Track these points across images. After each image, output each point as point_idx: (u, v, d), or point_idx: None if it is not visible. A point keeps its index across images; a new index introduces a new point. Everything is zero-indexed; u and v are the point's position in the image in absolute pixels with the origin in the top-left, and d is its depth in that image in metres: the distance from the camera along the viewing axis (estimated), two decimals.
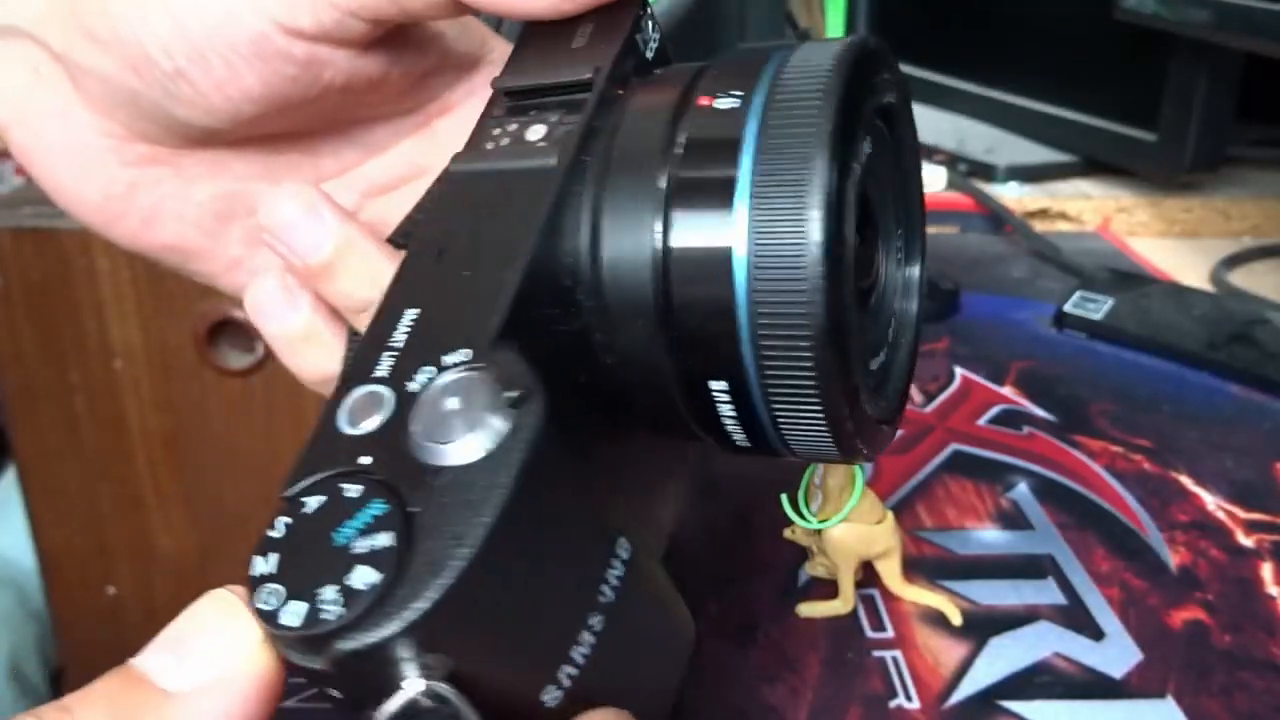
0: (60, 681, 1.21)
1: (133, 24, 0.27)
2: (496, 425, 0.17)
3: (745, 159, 0.19)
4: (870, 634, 0.32)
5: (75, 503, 1.16)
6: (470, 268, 0.20)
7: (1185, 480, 0.40)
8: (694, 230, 0.20)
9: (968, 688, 0.30)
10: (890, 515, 0.32)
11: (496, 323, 0.18)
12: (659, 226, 0.20)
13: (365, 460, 0.17)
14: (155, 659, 0.18)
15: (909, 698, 0.30)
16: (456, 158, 0.23)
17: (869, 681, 0.30)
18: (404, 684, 0.16)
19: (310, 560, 0.17)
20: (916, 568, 0.35)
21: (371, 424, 0.18)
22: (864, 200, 0.21)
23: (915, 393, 0.47)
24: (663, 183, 0.20)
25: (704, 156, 0.20)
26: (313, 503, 0.17)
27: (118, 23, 0.27)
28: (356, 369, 0.19)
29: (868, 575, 0.33)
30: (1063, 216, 0.70)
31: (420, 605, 0.15)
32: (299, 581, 0.16)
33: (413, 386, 0.18)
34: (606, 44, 0.23)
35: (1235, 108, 0.65)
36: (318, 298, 0.29)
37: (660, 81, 0.23)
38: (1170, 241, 0.68)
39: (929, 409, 0.45)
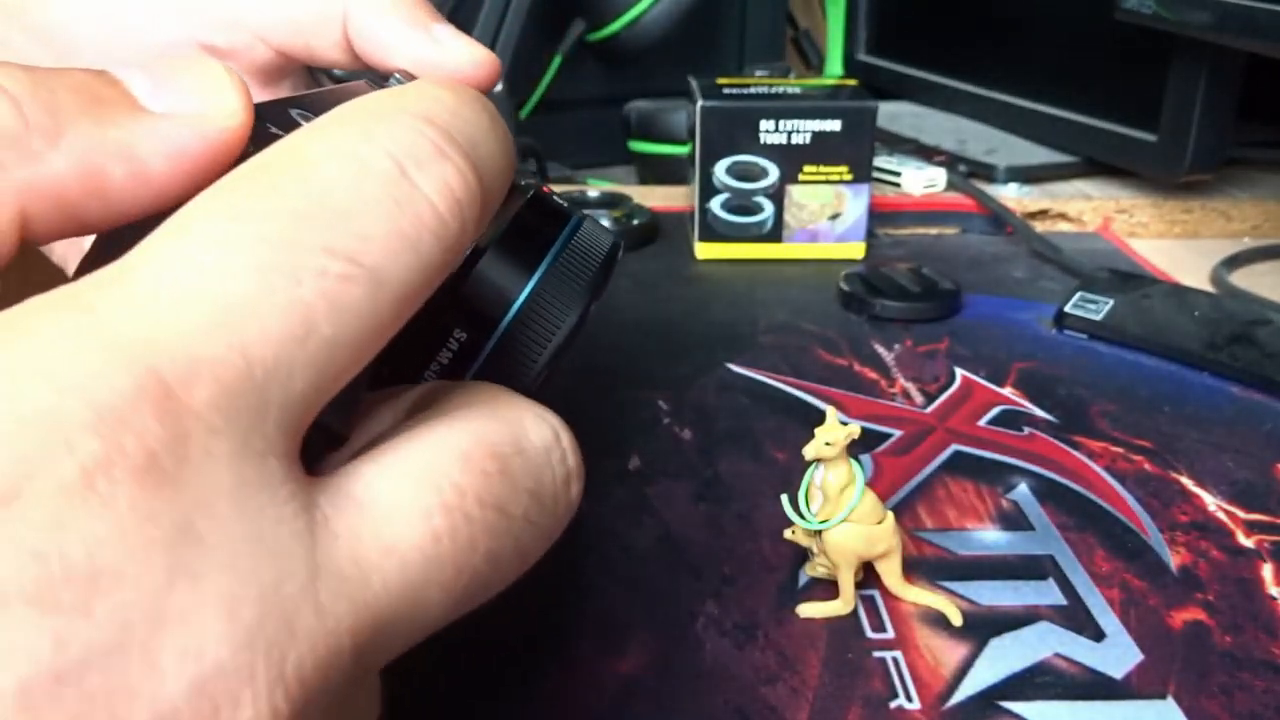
0: None
1: (61, 15, 0.31)
2: None
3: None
4: (870, 634, 0.32)
5: None
6: None
7: (1186, 481, 0.40)
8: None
9: (968, 688, 0.30)
10: (890, 516, 0.32)
11: None
12: None
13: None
14: (132, 74, 0.18)
15: (909, 698, 0.29)
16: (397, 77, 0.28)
17: (869, 682, 0.30)
18: None
19: None
20: (917, 568, 0.35)
21: None
22: None
23: (916, 393, 0.47)
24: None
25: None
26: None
27: (55, 21, 0.31)
28: (302, 102, 0.22)
29: (868, 576, 0.33)
30: (1063, 217, 0.70)
31: None
32: None
33: None
34: None
35: (1236, 109, 0.65)
36: None
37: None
38: (1171, 242, 0.68)
39: (929, 409, 0.45)
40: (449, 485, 0.17)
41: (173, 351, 0.14)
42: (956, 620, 0.32)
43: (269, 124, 0.20)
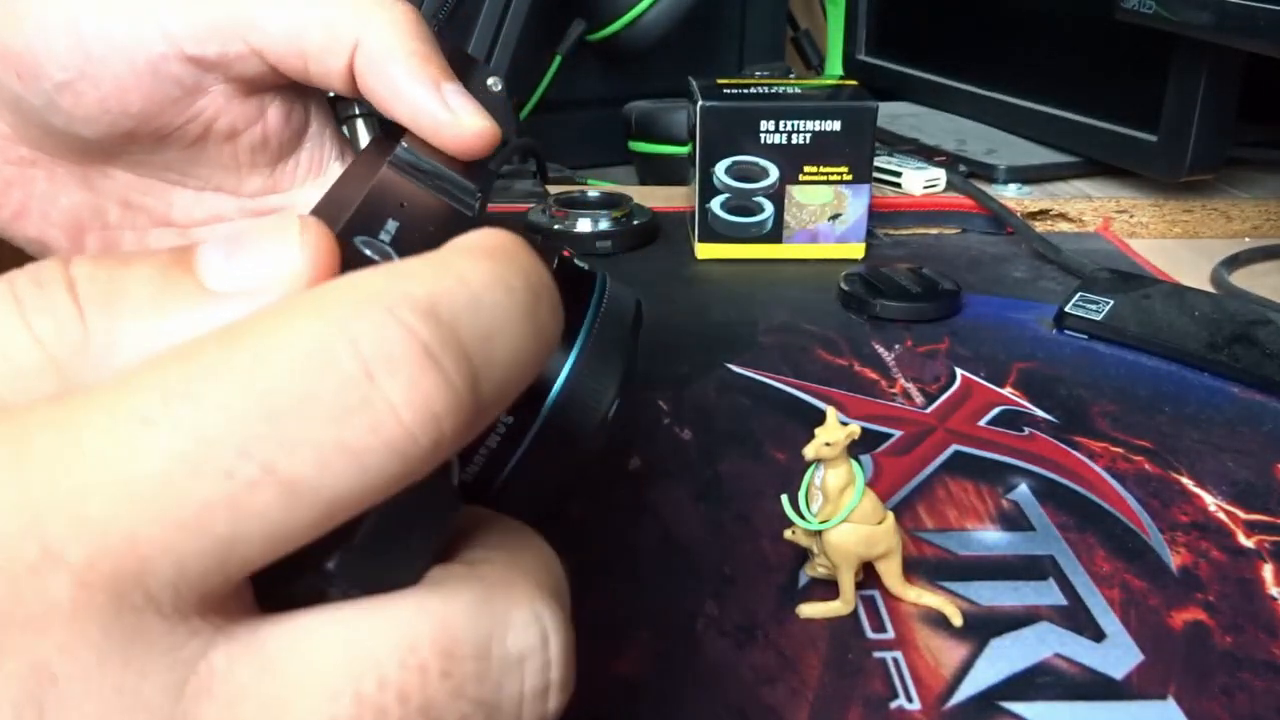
0: None
1: (30, 36, 0.29)
2: None
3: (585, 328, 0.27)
4: (871, 635, 0.32)
5: None
6: (430, 225, 0.25)
7: (1186, 481, 0.40)
8: None
9: (968, 689, 0.30)
10: (891, 516, 0.32)
11: None
12: None
13: None
14: (208, 253, 0.17)
15: (910, 699, 0.29)
16: (405, 145, 0.28)
17: (870, 682, 0.30)
18: None
19: None
20: (917, 569, 0.35)
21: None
22: None
23: (916, 393, 0.47)
24: None
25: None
26: None
27: (15, 33, 0.29)
28: (357, 226, 0.23)
29: (868, 576, 0.33)
30: (1063, 217, 0.70)
31: None
32: None
33: None
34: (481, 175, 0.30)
35: (1236, 109, 0.65)
36: None
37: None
38: (1171, 242, 0.68)
39: (930, 410, 0.45)
40: (373, 674, 0.16)
41: (66, 510, 0.14)
42: (956, 620, 0.32)
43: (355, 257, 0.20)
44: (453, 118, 0.29)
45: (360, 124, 0.43)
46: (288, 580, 0.17)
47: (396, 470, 0.15)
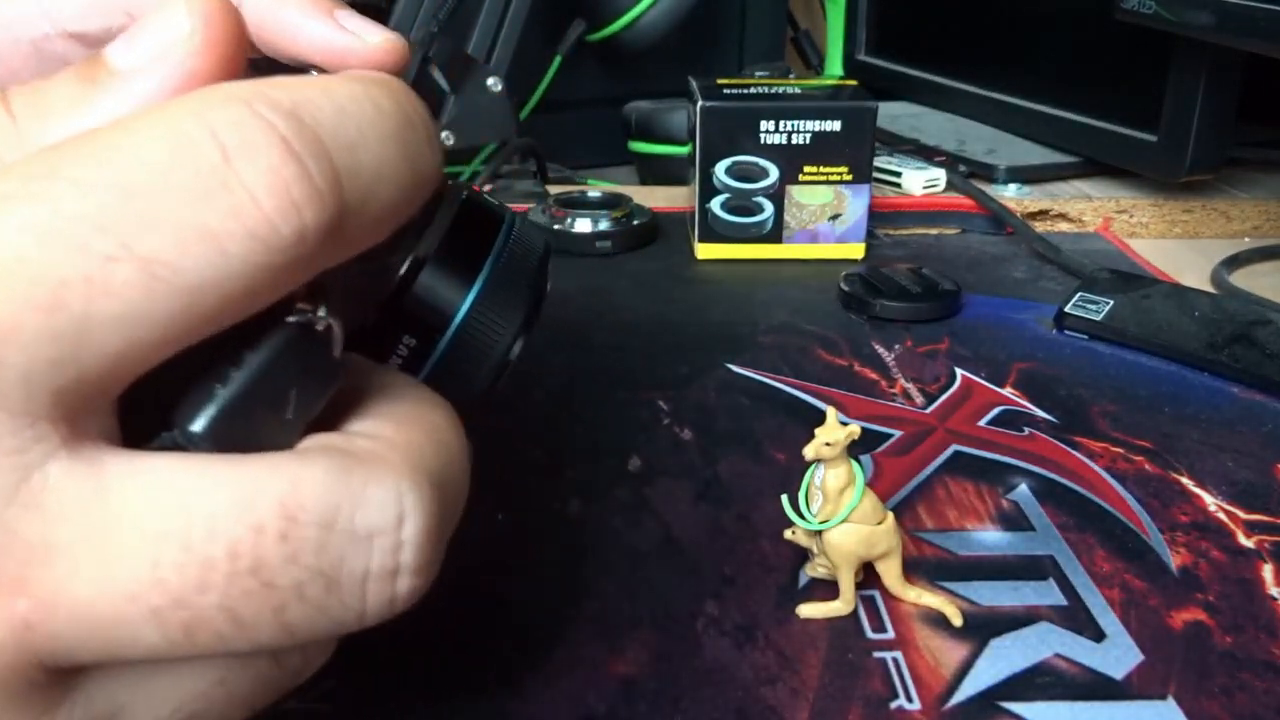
0: None
1: None
2: None
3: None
4: (871, 635, 0.32)
5: None
6: None
7: (1186, 481, 0.40)
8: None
9: (968, 689, 0.30)
10: (891, 516, 0.32)
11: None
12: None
13: None
14: (113, 46, 0.19)
15: (910, 699, 0.29)
16: None
17: (869, 682, 0.30)
18: None
19: None
20: (917, 569, 0.35)
21: None
22: None
23: (916, 393, 0.47)
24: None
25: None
26: None
27: None
28: None
29: (868, 576, 0.33)
30: (1063, 218, 0.70)
31: None
32: None
33: None
34: None
35: (1236, 109, 0.65)
36: None
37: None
38: (1171, 242, 0.68)
39: (930, 410, 0.45)
40: (205, 524, 0.16)
41: None
42: (957, 621, 0.32)
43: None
44: (357, 39, 0.28)
45: None
46: (152, 432, 0.17)
47: (259, 260, 0.16)
